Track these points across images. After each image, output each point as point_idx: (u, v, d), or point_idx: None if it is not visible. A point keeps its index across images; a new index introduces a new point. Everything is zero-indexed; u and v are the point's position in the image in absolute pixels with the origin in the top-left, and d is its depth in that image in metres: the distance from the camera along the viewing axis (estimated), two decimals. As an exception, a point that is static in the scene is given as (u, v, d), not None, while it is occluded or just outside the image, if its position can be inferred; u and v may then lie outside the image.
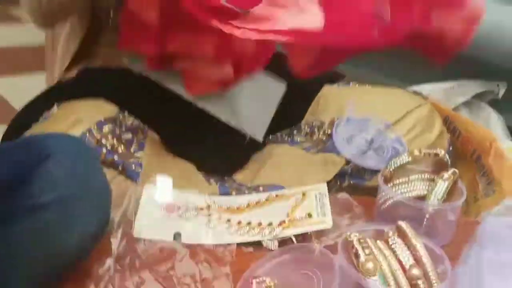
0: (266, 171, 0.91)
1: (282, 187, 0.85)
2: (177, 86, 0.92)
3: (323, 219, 0.74)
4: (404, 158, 0.76)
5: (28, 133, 0.86)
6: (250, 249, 0.72)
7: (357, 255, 0.59)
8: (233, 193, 0.84)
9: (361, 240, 0.60)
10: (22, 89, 1.85)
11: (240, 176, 0.93)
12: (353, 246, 0.60)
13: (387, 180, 0.76)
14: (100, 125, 0.85)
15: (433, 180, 0.74)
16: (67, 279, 0.62)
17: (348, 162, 0.90)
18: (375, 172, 0.91)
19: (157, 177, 0.75)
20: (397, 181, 0.75)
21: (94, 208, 0.60)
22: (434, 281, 0.57)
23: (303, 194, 0.79)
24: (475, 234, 0.52)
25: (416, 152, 0.75)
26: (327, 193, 0.79)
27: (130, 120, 0.89)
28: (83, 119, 0.84)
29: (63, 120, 0.84)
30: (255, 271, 0.66)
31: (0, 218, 0.54)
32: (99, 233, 0.62)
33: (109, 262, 0.62)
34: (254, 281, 0.64)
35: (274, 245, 0.71)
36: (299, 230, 0.72)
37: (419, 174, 0.75)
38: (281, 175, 0.90)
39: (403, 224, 0.62)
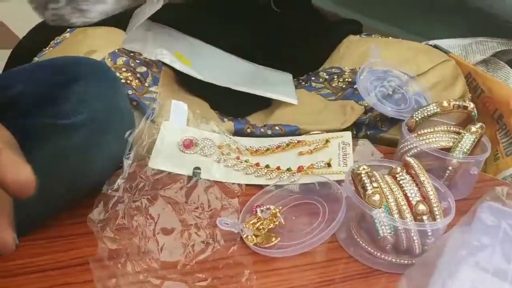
0: (281, 112, 0.90)
1: (297, 128, 0.84)
2: None
3: (344, 169, 0.71)
4: (432, 108, 0.73)
5: (41, 59, 0.84)
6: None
7: (364, 187, 0.59)
8: (248, 130, 0.83)
9: (369, 174, 0.60)
10: (21, 14, 1.82)
11: (254, 119, 0.92)
12: (360, 179, 0.60)
13: (410, 130, 0.74)
14: (114, 56, 0.83)
15: (458, 133, 0.72)
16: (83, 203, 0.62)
17: (366, 112, 0.88)
18: (392, 123, 0.89)
19: (172, 102, 0.73)
20: (422, 131, 0.73)
21: (120, 130, 0.61)
22: (438, 216, 0.57)
23: (326, 141, 0.76)
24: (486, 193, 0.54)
25: (445, 103, 0.72)
26: (351, 142, 0.76)
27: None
28: (97, 49, 0.82)
29: (75, 48, 0.83)
30: (258, 200, 0.67)
31: (28, 135, 0.54)
32: (122, 155, 0.62)
33: (120, 182, 0.62)
34: (258, 209, 0.64)
35: (295, 188, 0.69)
36: (318, 179, 0.69)
37: (444, 125, 0.73)
38: (296, 117, 0.89)
39: (411, 160, 0.62)
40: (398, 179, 0.60)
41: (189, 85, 0.92)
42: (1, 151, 0.34)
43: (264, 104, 0.94)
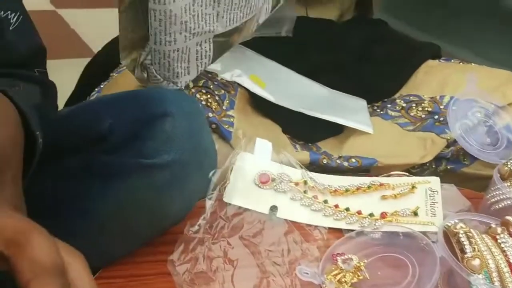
0: (356, 141, 0.87)
1: (374, 160, 0.80)
2: None
3: (432, 220, 0.66)
4: (530, 157, 0.68)
5: (118, 76, 0.84)
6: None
7: (462, 250, 0.55)
8: (324, 161, 0.79)
9: (468, 234, 0.56)
10: (93, 23, 1.82)
11: (326, 145, 0.88)
12: (458, 239, 0.56)
13: (503, 178, 0.68)
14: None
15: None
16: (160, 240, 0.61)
17: (448, 145, 0.83)
18: (475, 157, 0.84)
19: (257, 140, 0.70)
20: (517, 181, 0.67)
21: (203, 170, 0.59)
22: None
23: (412, 187, 0.71)
24: None
25: (544, 153, 0.67)
26: (439, 190, 0.70)
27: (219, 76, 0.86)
28: None
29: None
30: (338, 248, 0.63)
31: (111, 173, 0.53)
32: (203, 194, 0.61)
33: (201, 223, 0.60)
34: (338, 258, 0.61)
35: (377, 235, 0.65)
36: (403, 229, 0.64)
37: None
38: (372, 148, 0.85)
39: (514, 220, 0.57)
40: (499, 241, 0.55)
41: (262, 107, 0.89)
42: None
43: (337, 130, 0.91)
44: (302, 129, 0.89)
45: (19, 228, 0.30)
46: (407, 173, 0.76)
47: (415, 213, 0.67)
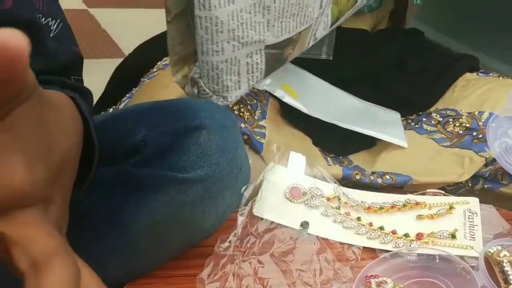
0: (389, 156, 0.84)
1: (409, 178, 0.78)
2: None
3: (471, 244, 0.63)
4: None
5: (149, 83, 0.83)
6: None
7: (506, 280, 0.53)
8: (357, 176, 0.77)
9: None
10: (125, 23, 1.82)
11: (358, 158, 0.86)
12: (501, 269, 0.54)
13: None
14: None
15: None
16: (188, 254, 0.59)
17: (487, 164, 0.80)
18: (515, 177, 0.81)
19: (291, 153, 0.68)
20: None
21: (237, 185, 0.57)
22: None
23: (450, 207, 0.68)
24: None
25: None
26: (479, 212, 0.66)
27: None
28: None
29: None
30: (372, 270, 0.60)
31: (143, 186, 0.52)
32: (235, 209, 0.59)
33: (232, 239, 0.58)
34: (372, 280, 0.58)
35: (412, 257, 0.62)
36: (440, 252, 0.60)
37: None
38: (406, 163, 0.82)
39: None
40: (544, 272, 0.53)
41: (293, 117, 0.87)
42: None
43: (369, 143, 0.88)
44: (334, 141, 0.87)
45: (45, 249, 0.27)
46: (443, 191, 0.73)
47: (453, 236, 0.64)
